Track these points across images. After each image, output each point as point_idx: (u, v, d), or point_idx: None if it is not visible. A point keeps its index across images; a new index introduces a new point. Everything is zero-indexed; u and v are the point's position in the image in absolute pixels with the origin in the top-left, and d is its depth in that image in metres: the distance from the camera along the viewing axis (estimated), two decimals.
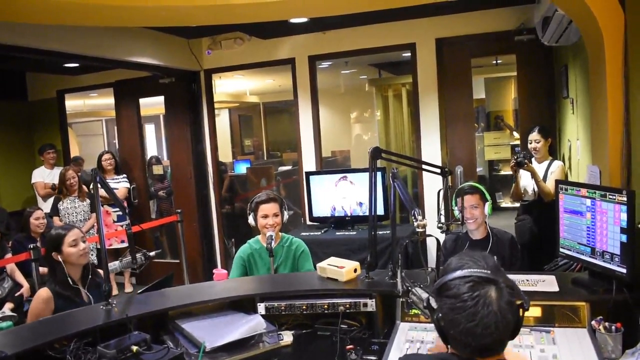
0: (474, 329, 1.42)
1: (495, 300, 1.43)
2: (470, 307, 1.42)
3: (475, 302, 1.42)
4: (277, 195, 3.59)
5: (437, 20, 5.54)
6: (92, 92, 8.02)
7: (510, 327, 1.45)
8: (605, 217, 2.39)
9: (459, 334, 1.45)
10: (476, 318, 1.41)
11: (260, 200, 3.47)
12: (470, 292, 1.44)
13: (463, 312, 1.43)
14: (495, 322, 1.41)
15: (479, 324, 1.41)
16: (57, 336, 2.34)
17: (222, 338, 2.46)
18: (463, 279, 1.46)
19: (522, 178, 4.55)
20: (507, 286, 1.47)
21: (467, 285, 1.45)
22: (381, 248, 4.31)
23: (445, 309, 1.48)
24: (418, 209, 2.50)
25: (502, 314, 1.42)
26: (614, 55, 2.76)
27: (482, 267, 1.48)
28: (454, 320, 1.45)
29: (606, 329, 2.19)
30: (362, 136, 9.89)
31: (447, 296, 1.48)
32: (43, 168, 6.72)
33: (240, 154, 11.08)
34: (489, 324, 1.41)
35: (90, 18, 3.74)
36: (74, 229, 3.11)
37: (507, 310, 1.43)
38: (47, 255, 3.08)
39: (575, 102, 4.23)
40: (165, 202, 7.45)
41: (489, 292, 1.43)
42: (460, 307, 1.43)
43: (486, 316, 1.41)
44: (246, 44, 6.13)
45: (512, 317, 1.44)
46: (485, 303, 1.42)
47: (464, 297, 1.44)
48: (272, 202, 3.45)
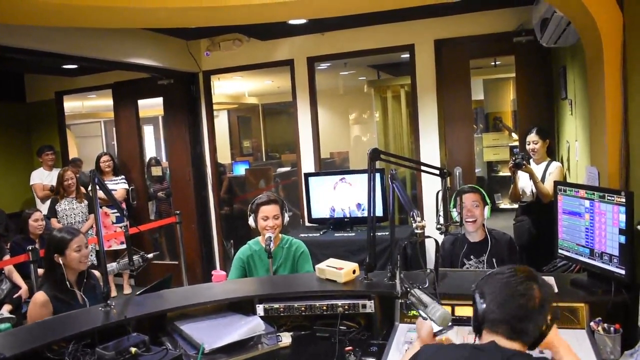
0: (516, 299, 1.63)
1: (537, 288, 1.66)
2: (517, 282, 1.66)
3: (522, 281, 1.66)
4: (278, 197, 3.59)
5: (435, 21, 5.54)
6: (90, 93, 8.02)
7: (541, 321, 1.65)
8: (604, 218, 2.39)
9: (500, 307, 1.65)
10: (521, 291, 1.64)
11: (260, 201, 3.47)
12: (517, 275, 1.69)
13: (511, 283, 1.67)
14: (535, 302, 1.63)
15: (522, 297, 1.63)
16: (55, 338, 2.33)
17: (220, 339, 2.46)
18: (509, 269, 1.73)
19: (521, 179, 4.55)
20: (548, 287, 1.71)
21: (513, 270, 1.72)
22: (380, 249, 4.31)
23: (493, 284, 1.70)
24: (417, 210, 2.50)
25: (542, 300, 1.64)
26: (612, 56, 2.76)
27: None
28: (502, 289, 1.67)
29: (605, 330, 2.19)
30: (361, 137, 9.90)
31: (495, 275, 1.73)
32: (41, 170, 6.71)
33: (239, 155, 11.08)
34: (530, 302, 1.63)
35: (89, 19, 3.74)
36: (80, 235, 3.13)
37: (546, 300, 1.66)
38: (47, 256, 3.09)
39: (574, 103, 4.23)
40: (165, 203, 7.44)
41: (532, 281, 1.68)
42: (509, 280, 1.68)
43: (530, 296, 1.64)
44: (245, 45, 6.13)
45: (546, 309, 1.66)
46: (531, 286, 1.66)
47: (512, 277, 1.68)
48: (273, 203, 3.45)
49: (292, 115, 6.28)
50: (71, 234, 3.10)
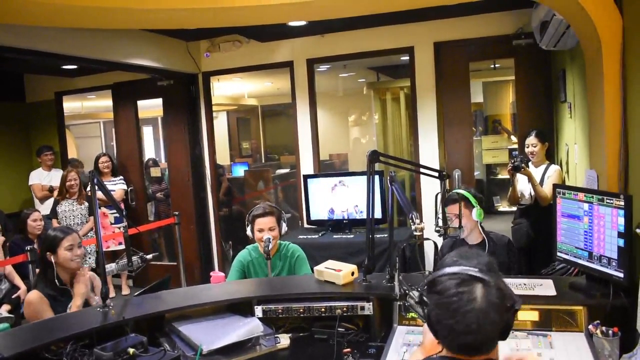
0: (455, 326, 1.40)
1: (480, 298, 1.39)
2: (453, 304, 1.40)
3: (458, 299, 1.40)
4: (275, 208, 3.57)
5: (435, 24, 5.54)
6: (90, 94, 8.02)
7: (497, 326, 1.42)
8: (603, 221, 2.39)
9: (443, 331, 1.43)
10: (457, 315, 1.39)
11: (257, 213, 3.46)
12: (455, 289, 1.41)
13: (446, 308, 1.41)
14: (477, 320, 1.38)
15: (460, 321, 1.39)
16: (53, 338, 2.33)
17: (219, 341, 2.46)
18: (451, 275, 1.44)
19: (519, 182, 4.55)
20: (496, 286, 1.43)
21: (453, 282, 1.43)
22: (379, 251, 4.32)
23: (432, 304, 1.47)
24: (415, 213, 2.50)
25: (484, 313, 1.39)
26: (612, 59, 2.77)
27: (474, 265, 1.45)
28: (438, 316, 1.44)
29: (603, 333, 2.19)
30: (360, 139, 9.90)
31: (434, 292, 1.46)
32: (40, 170, 6.71)
33: (238, 156, 11.08)
34: (470, 323, 1.38)
35: (89, 20, 3.74)
36: (73, 234, 3.13)
37: (493, 309, 1.40)
38: (41, 254, 3.09)
39: (573, 106, 4.24)
40: (163, 204, 7.44)
41: (474, 290, 1.40)
42: (444, 304, 1.42)
43: (468, 313, 1.38)
44: (244, 47, 6.14)
45: (497, 316, 1.41)
46: (469, 299, 1.39)
47: (449, 293, 1.42)
48: (269, 215, 3.44)
49: (292, 117, 6.29)
50: (64, 233, 3.10)
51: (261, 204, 3.56)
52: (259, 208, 3.49)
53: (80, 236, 3.20)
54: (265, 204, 3.61)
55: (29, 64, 6.27)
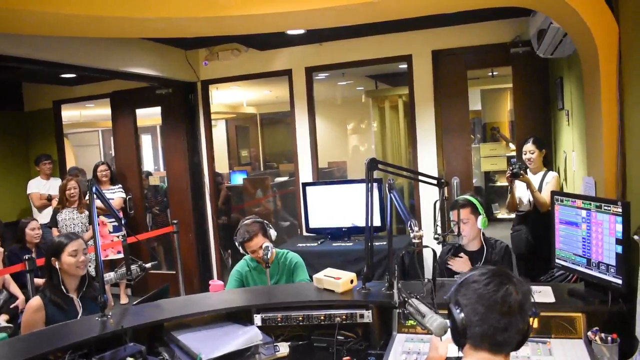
0: (493, 309, 1.52)
1: (514, 292, 1.54)
2: (491, 289, 1.54)
3: (496, 288, 1.54)
4: (257, 222, 3.53)
5: (433, 32, 5.57)
6: (88, 102, 8.03)
7: (523, 326, 1.55)
8: (601, 228, 2.40)
9: (478, 317, 1.53)
10: (497, 298, 1.53)
11: (244, 240, 3.45)
12: (492, 278, 1.56)
13: (487, 292, 1.54)
14: (513, 308, 1.52)
15: (499, 305, 1.52)
16: (51, 348, 2.33)
17: (218, 349, 2.45)
18: (484, 271, 1.59)
19: (518, 189, 4.56)
20: (524, 285, 1.59)
21: (488, 274, 1.58)
22: (378, 259, 4.32)
23: (467, 294, 1.57)
24: (414, 220, 2.51)
25: (519, 306, 1.53)
26: (609, 67, 2.78)
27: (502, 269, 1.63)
28: (476, 301, 1.55)
29: (602, 339, 2.19)
30: (359, 147, 9.92)
31: (469, 283, 1.59)
32: (39, 179, 6.70)
33: (237, 164, 11.09)
34: (508, 309, 1.52)
35: (88, 29, 3.75)
36: (78, 240, 3.11)
37: (524, 305, 1.54)
38: (46, 260, 3.09)
39: (571, 114, 4.25)
40: (161, 216, 7.44)
41: (508, 283, 1.55)
42: (483, 289, 1.55)
43: (507, 301, 1.52)
44: (243, 55, 6.15)
45: (525, 314, 1.55)
46: (506, 289, 1.54)
47: (486, 281, 1.56)
48: (255, 237, 3.44)
49: (290, 125, 6.29)
50: (68, 238, 3.09)
51: (242, 226, 3.51)
52: (243, 233, 3.47)
53: (86, 242, 3.18)
54: (245, 224, 3.54)
55: (27, 73, 6.28)
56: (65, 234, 3.24)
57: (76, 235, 3.20)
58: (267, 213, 7.91)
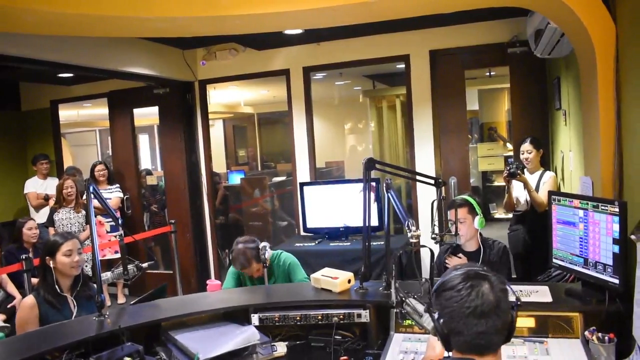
0: (470, 317, 1.50)
1: (489, 290, 1.52)
2: (465, 296, 1.52)
3: (469, 292, 1.52)
4: (249, 250, 3.45)
5: (430, 32, 5.57)
6: (86, 102, 8.02)
7: (505, 322, 1.53)
8: (598, 227, 2.40)
9: (458, 326, 1.52)
10: (471, 305, 1.50)
11: (242, 268, 3.46)
12: (464, 282, 1.54)
13: (460, 300, 1.52)
14: (489, 313, 1.50)
15: (475, 311, 1.50)
16: (49, 347, 2.32)
17: (215, 349, 2.45)
18: (458, 274, 1.57)
19: (515, 189, 4.56)
20: (500, 282, 1.56)
21: (461, 278, 1.55)
22: (375, 259, 4.31)
23: (443, 303, 1.56)
24: (412, 220, 2.51)
25: (495, 306, 1.50)
26: (606, 67, 2.78)
27: (475, 266, 1.61)
28: (452, 311, 1.53)
29: (599, 339, 2.20)
30: (356, 147, 9.92)
31: (444, 290, 1.57)
32: (36, 178, 6.69)
33: (234, 164, 11.08)
34: (485, 311, 1.49)
35: (85, 29, 3.74)
36: (73, 240, 3.08)
37: (501, 302, 1.52)
38: (40, 259, 3.07)
39: (568, 114, 4.26)
40: (159, 215, 7.43)
41: (482, 284, 1.53)
42: (457, 297, 1.53)
43: (482, 304, 1.50)
44: (241, 55, 6.15)
45: (505, 310, 1.53)
46: (480, 292, 1.51)
47: (459, 287, 1.54)
48: (252, 264, 3.43)
49: (288, 125, 6.29)
50: (63, 238, 3.05)
51: (238, 253, 3.45)
52: (241, 263, 3.43)
53: (81, 242, 3.16)
54: (240, 251, 3.46)
55: (24, 72, 6.27)
56: (60, 233, 3.22)
57: (71, 235, 3.16)
58: (265, 213, 7.90)
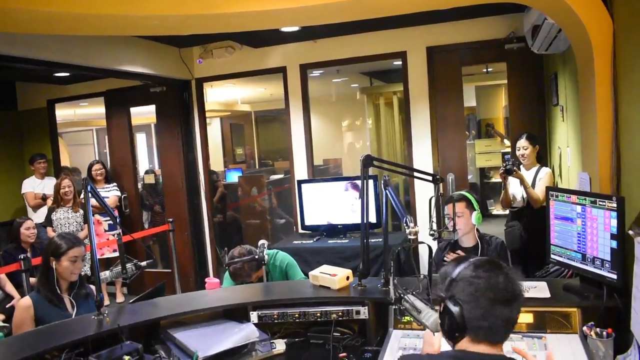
0: (497, 301, 1.50)
1: (504, 279, 1.53)
2: (491, 279, 1.52)
3: (493, 275, 1.53)
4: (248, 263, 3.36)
5: (427, 28, 5.57)
6: (82, 101, 8.00)
7: (515, 311, 1.53)
8: (596, 223, 2.41)
9: (482, 310, 1.51)
10: (500, 287, 1.51)
11: (244, 282, 3.40)
12: (484, 268, 1.55)
13: (484, 283, 1.52)
14: (514, 295, 1.51)
15: (504, 295, 1.50)
16: (48, 347, 2.32)
17: (214, 347, 2.45)
18: (472, 262, 1.58)
19: (511, 185, 4.57)
20: (509, 272, 1.56)
21: (476, 265, 1.56)
22: (373, 256, 4.32)
23: (461, 290, 1.55)
24: (410, 217, 2.51)
25: (520, 290, 1.53)
26: (603, 63, 2.79)
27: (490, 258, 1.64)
28: (476, 293, 1.52)
29: (597, 334, 2.20)
30: (354, 144, 9.91)
31: (461, 278, 1.56)
32: (33, 178, 6.68)
33: (231, 162, 11.06)
34: (510, 296, 1.51)
35: (81, 27, 3.73)
36: (80, 247, 3.09)
37: (513, 290, 1.53)
38: (44, 257, 3.07)
39: (565, 110, 4.26)
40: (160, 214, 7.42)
41: (496, 270, 1.55)
42: (478, 282, 1.52)
43: (511, 290, 1.51)
44: (237, 53, 6.15)
45: (516, 299, 1.53)
46: (496, 280, 1.52)
47: (479, 273, 1.54)
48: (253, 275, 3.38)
49: (285, 123, 6.29)
50: (71, 243, 3.06)
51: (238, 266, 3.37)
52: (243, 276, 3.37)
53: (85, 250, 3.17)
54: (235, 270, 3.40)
55: (20, 72, 6.25)
56: (69, 237, 3.16)
57: (79, 242, 3.14)
58: (263, 211, 7.90)
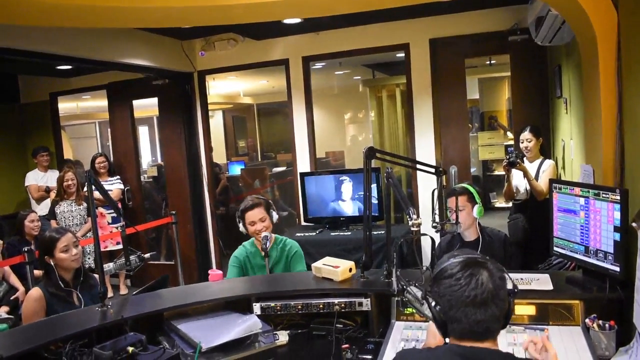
0: (469, 306, 1.51)
1: (487, 279, 1.53)
2: (464, 285, 1.53)
3: (468, 280, 1.53)
4: (262, 199, 3.55)
5: (430, 20, 5.55)
6: (85, 94, 8.01)
7: (502, 309, 1.54)
8: (599, 215, 2.40)
9: (457, 314, 1.53)
10: (470, 294, 1.51)
11: (244, 207, 3.45)
12: (463, 270, 1.55)
13: (458, 288, 1.53)
14: (486, 301, 1.51)
15: (475, 300, 1.51)
16: (52, 338, 2.33)
17: (218, 338, 2.46)
18: (456, 262, 1.58)
19: (514, 177, 4.56)
20: (498, 270, 1.57)
21: (460, 266, 1.56)
22: (376, 248, 4.33)
23: (441, 290, 1.57)
24: (413, 208, 2.51)
25: (493, 294, 1.52)
26: (607, 54, 2.77)
27: (474, 254, 1.62)
28: (450, 299, 1.54)
29: (600, 326, 2.20)
30: (357, 137, 9.91)
31: (443, 278, 1.58)
32: (37, 171, 6.69)
33: (234, 155, 11.07)
34: (484, 300, 1.51)
35: (83, 19, 3.72)
36: (67, 234, 3.08)
37: (498, 290, 1.53)
38: (40, 258, 3.08)
39: (569, 102, 4.25)
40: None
41: (480, 271, 1.54)
42: (456, 285, 1.54)
43: (481, 293, 1.51)
44: (240, 45, 6.13)
45: (502, 298, 1.54)
46: (479, 280, 1.52)
47: (458, 275, 1.55)
48: (257, 207, 3.43)
49: (288, 115, 6.28)
50: (58, 233, 3.06)
51: (248, 198, 3.55)
52: (246, 202, 3.48)
53: (75, 235, 3.17)
54: (252, 196, 3.59)
55: (23, 65, 6.25)
56: (53, 229, 3.21)
57: (64, 230, 3.17)
58: None
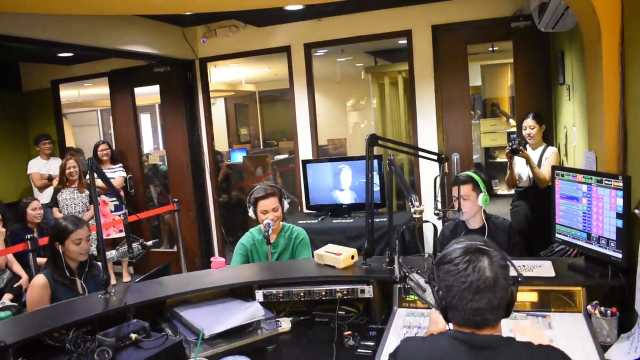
0: (465, 292, 1.51)
1: (487, 267, 1.51)
2: (462, 270, 1.52)
3: (466, 266, 1.52)
4: (276, 187, 3.58)
5: (433, 6, 5.51)
6: (86, 81, 7.98)
7: (503, 298, 1.52)
8: (602, 202, 2.40)
9: (454, 299, 1.53)
10: (467, 280, 1.51)
11: (259, 196, 3.46)
12: (463, 256, 1.54)
13: (456, 274, 1.53)
14: (486, 289, 1.50)
15: (471, 286, 1.50)
16: (56, 325, 2.34)
17: (220, 325, 2.47)
18: (458, 248, 1.57)
19: (517, 165, 4.55)
20: (501, 258, 1.55)
21: (460, 251, 1.56)
22: (378, 235, 4.33)
23: (441, 276, 1.58)
24: (415, 195, 2.51)
25: (493, 282, 1.50)
26: (611, 41, 2.75)
27: (478, 241, 1.59)
28: (449, 285, 1.55)
29: (602, 313, 2.21)
30: (359, 124, 9.88)
31: (443, 263, 1.58)
32: (39, 159, 6.70)
33: (236, 142, 11.06)
34: (480, 287, 1.50)
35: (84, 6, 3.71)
36: (84, 228, 3.11)
37: (500, 278, 1.51)
38: (49, 242, 3.09)
39: (572, 88, 4.23)
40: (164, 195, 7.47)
41: (480, 259, 1.53)
42: (454, 270, 1.54)
43: (477, 280, 1.50)
44: (241, 32, 6.11)
45: (503, 286, 1.52)
46: (477, 267, 1.51)
47: (457, 261, 1.54)
48: (271, 197, 3.45)
49: (290, 102, 6.27)
50: (75, 225, 3.08)
51: (261, 185, 3.56)
52: (260, 190, 3.49)
53: (90, 229, 3.18)
54: (266, 184, 3.61)
55: (24, 52, 6.24)
56: (71, 218, 3.20)
57: (82, 222, 3.18)
58: None
